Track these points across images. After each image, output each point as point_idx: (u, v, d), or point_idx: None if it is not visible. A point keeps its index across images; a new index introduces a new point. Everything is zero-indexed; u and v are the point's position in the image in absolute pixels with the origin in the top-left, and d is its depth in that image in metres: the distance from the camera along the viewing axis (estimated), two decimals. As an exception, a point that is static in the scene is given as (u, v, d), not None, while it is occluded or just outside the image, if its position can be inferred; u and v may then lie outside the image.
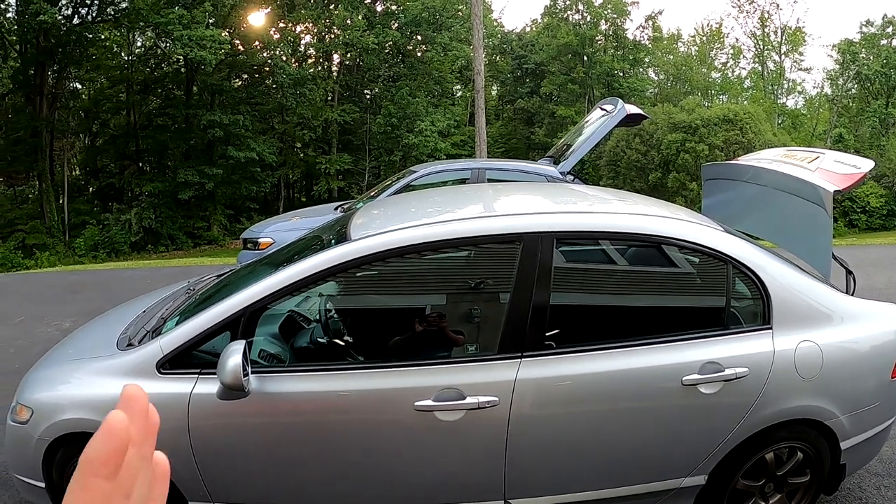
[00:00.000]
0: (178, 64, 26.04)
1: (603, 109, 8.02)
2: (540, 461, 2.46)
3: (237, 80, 27.63)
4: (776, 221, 3.46)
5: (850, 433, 2.63)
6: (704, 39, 41.37)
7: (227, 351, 2.16)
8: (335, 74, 29.33)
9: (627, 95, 30.24)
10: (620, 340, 2.50)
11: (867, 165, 3.11)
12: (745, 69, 41.19)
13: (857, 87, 34.52)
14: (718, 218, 3.18)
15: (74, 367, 2.62)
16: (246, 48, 25.86)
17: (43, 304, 7.11)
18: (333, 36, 27.90)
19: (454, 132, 30.34)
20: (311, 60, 29.23)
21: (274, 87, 26.52)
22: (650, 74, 39.13)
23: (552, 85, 33.76)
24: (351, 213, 3.26)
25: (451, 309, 2.88)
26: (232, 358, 2.11)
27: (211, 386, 2.26)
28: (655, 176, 23.45)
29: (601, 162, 25.94)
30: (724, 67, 41.36)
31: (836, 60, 35.10)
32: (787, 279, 2.61)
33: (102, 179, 27.90)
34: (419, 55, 29.84)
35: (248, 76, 27.70)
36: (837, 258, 3.10)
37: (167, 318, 2.79)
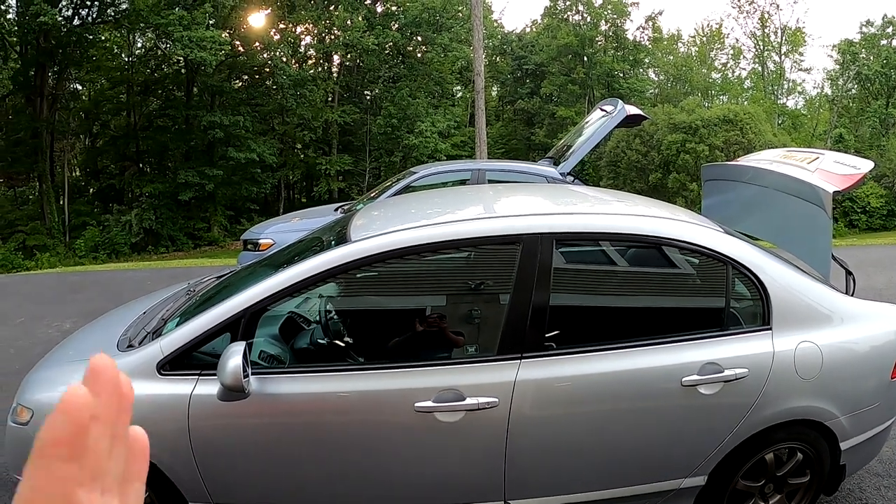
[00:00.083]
0: (178, 65, 26.07)
1: (603, 110, 8.02)
2: (540, 462, 2.46)
3: (237, 81, 27.64)
4: (776, 222, 3.47)
5: (849, 434, 2.64)
6: (704, 40, 41.39)
7: (227, 352, 2.16)
8: (335, 75, 29.33)
9: (627, 96, 30.25)
10: (620, 341, 2.51)
11: (867, 166, 3.12)
12: (745, 70, 41.28)
13: (857, 87, 34.53)
14: (718, 219, 3.18)
15: (75, 368, 2.62)
16: (246, 49, 25.88)
17: (43, 304, 7.11)
18: (333, 37, 27.91)
19: (454, 133, 30.34)
20: (311, 61, 29.23)
21: (274, 88, 26.53)
22: (650, 75, 39.16)
23: (552, 86, 33.77)
24: (351, 214, 3.27)
25: (451, 310, 2.89)
26: (232, 359, 2.12)
27: (211, 387, 2.27)
28: (656, 177, 23.46)
29: (601, 163, 25.94)
30: (724, 68, 41.43)
31: (836, 61, 35.13)
32: (786, 280, 2.62)
33: (103, 180, 27.92)
34: (419, 56, 29.84)
35: (248, 77, 27.71)
36: (837, 259, 3.10)
37: (167, 319, 2.79)
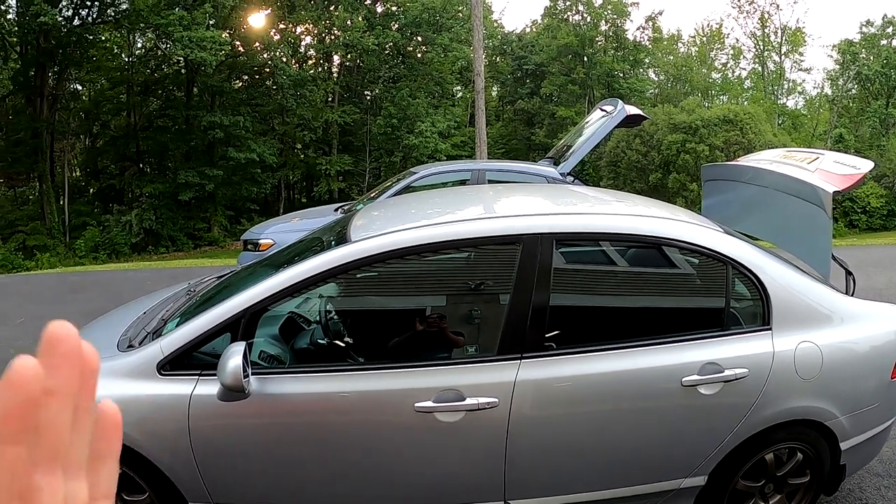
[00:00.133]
0: (178, 65, 26.05)
1: (603, 110, 8.03)
2: (540, 462, 2.46)
3: (237, 81, 27.63)
4: (776, 222, 3.47)
5: (849, 434, 2.64)
6: (704, 40, 41.38)
7: (227, 352, 2.16)
8: (335, 75, 29.32)
9: (627, 96, 30.24)
10: (620, 341, 2.51)
11: (867, 166, 3.12)
12: (745, 70, 41.26)
13: (857, 87, 34.52)
14: (718, 219, 3.18)
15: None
16: (246, 49, 25.87)
17: (43, 305, 7.11)
18: (333, 37, 27.90)
19: (454, 133, 30.33)
20: (311, 62, 29.22)
21: (274, 88, 26.52)
22: (650, 75, 39.14)
23: (552, 86, 33.76)
24: (351, 214, 3.27)
25: (451, 310, 2.89)
26: (232, 359, 2.12)
27: (211, 387, 2.27)
28: (656, 177, 23.45)
29: (601, 163, 25.94)
30: (724, 68, 41.41)
31: (836, 61, 35.11)
32: (786, 280, 2.62)
33: (103, 181, 27.91)
34: (419, 56, 29.83)
35: (248, 77, 27.70)
36: (837, 259, 3.10)
37: (168, 319, 2.79)
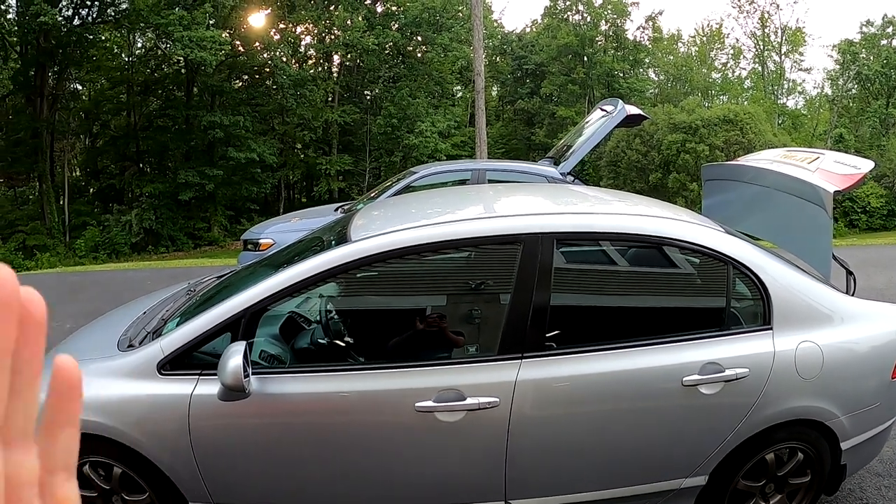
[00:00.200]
0: (178, 65, 26.04)
1: (603, 110, 8.03)
2: (541, 462, 2.46)
3: (237, 81, 27.62)
4: (776, 222, 3.47)
5: (850, 433, 2.63)
6: (704, 40, 41.38)
7: (227, 352, 2.16)
8: (335, 75, 29.32)
9: (628, 96, 30.23)
10: (621, 341, 2.51)
11: (867, 166, 3.12)
12: (745, 69, 41.26)
13: (857, 87, 34.51)
14: (719, 218, 3.18)
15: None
16: (246, 49, 25.86)
17: (43, 305, 7.10)
18: (333, 37, 27.90)
19: (454, 133, 30.33)
20: (311, 61, 29.22)
21: (274, 88, 26.51)
22: (650, 75, 39.14)
23: (552, 86, 33.76)
24: (351, 214, 3.26)
25: (451, 310, 2.89)
26: (233, 359, 2.12)
27: (212, 387, 2.27)
28: (656, 176, 23.45)
29: (601, 162, 25.93)
30: (724, 68, 41.41)
31: (836, 61, 35.10)
32: (787, 280, 2.62)
33: (103, 180, 27.91)
34: (419, 56, 29.82)
35: (248, 77, 27.69)
36: (838, 258, 3.10)
37: (168, 319, 2.79)
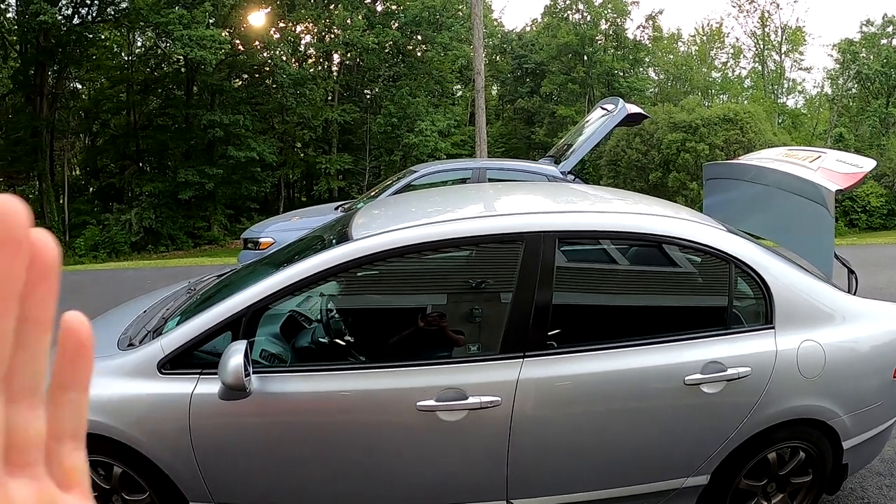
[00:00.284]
0: (178, 64, 26.00)
1: (603, 109, 8.02)
2: (542, 461, 2.45)
3: (237, 80, 27.58)
4: (778, 221, 3.46)
5: (852, 433, 2.63)
6: (704, 39, 41.34)
7: (228, 351, 2.15)
8: (335, 74, 29.28)
9: (628, 95, 30.19)
10: (623, 340, 2.50)
11: (868, 165, 3.11)
12: (745, 69, 41.19)
13: (857, 86, 34.48)
14: (720, 217, 3.17)
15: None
16: (246, 48, 25.83)
17: (43, 304, 7.09)
18: (333, 36, 27.86)
19: (454, 132, 30.30)
20: (311, 60, 29.17)
21: (274, 87, 26.48)
22: (650, 74, 39.10)
23: (552, 84, 33.73)
24: (352, 212, 3.26)
25: (452, 309, 2.88)
26: (233, 358, 2.11)
27: (212, 386, 2.26)
28: (656, 175, 23.42)
29: (601, 161, 25.90)
30: (724, 67, 41.35)
31: (836, 60, 35.06)
32: (789, 279, 2.61)
33: (103, 179, 27.88)
34: (419, 55, 29.79)
35: (248, 76, 27.66)
36: (839, 257, 3.10)
37: (168, 318, 2.78)
